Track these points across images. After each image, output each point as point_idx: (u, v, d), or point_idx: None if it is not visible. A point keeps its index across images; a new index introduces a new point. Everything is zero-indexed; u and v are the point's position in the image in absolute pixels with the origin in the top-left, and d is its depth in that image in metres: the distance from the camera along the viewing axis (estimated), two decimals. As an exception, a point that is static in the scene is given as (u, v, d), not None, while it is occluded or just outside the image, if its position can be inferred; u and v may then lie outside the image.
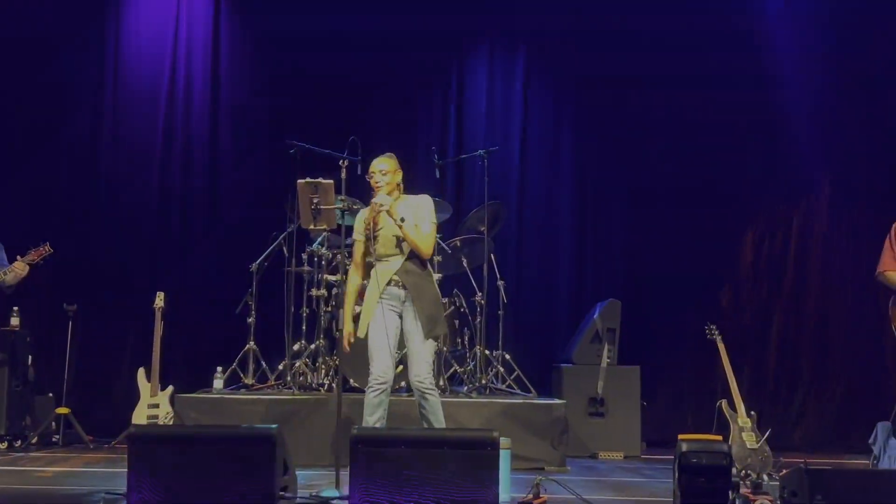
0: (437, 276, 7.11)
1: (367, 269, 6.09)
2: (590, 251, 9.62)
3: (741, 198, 9.59)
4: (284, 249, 8.28)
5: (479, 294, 8.08)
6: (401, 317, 5.99)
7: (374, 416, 5.83)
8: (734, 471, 5.12)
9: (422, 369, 5.89)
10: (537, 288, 9.54)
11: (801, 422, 9.29)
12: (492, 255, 8.26)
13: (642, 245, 9.56)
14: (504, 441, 5.21)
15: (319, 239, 8.14)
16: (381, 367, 5.87)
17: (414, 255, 5.96)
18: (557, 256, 9.60)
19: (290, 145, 7.99)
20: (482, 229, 8.19)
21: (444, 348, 7.86)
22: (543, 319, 9.54)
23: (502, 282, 8.37)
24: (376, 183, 5.95)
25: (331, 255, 8.16)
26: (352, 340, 6.00)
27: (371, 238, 5.91)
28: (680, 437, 5.03)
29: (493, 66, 9.86)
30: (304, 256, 8.23)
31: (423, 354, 5.90)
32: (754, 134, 9.63)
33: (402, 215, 5.88)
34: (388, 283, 5.93)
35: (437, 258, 7.86)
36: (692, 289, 9.42)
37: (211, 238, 9.37)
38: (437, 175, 8.53)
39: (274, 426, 4.71)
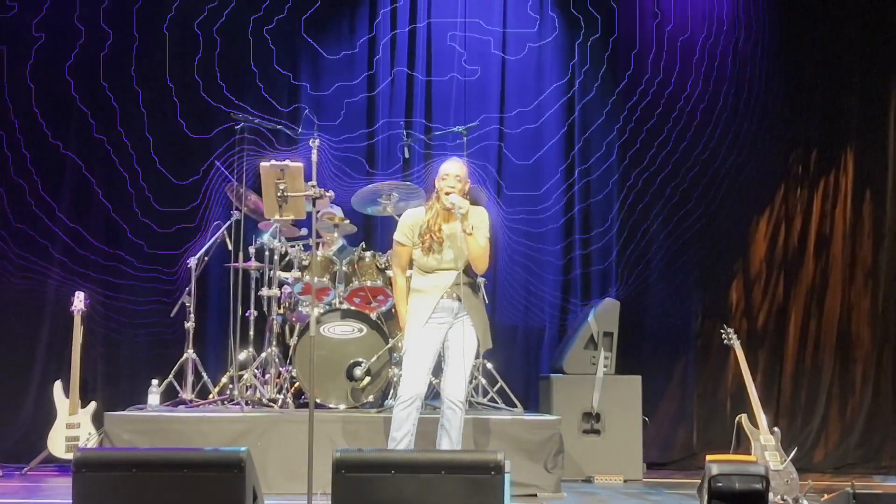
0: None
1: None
2: (582, 244, 9.67)
3: (752, 180, 9.71)
4: (228, 242, 8.25)
5: (456, 293, 8.11)
6: (448, 329, 6.33)
7: (400, 431, 6.16)
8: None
9: (461, 383, 6.28)
10: (521, 286, 9.58)
11: (821, 438, 9.44)
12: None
13: (641, 237, 9.64)
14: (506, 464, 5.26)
15: (270, 230, 8.11)
16: (413, 382, 6.22)
17: (468, 268, 6.32)
18: (545, 250, 9.64)
19: (234, 118, 7.99)
20: (459, 218, 8.21)
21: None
22: (528, 322, 9.58)
23: (482, 279, 8.40)
24: (450, 187, 6.21)
25: (284, 249, 8.15)
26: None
27: (430, 247, 6.26)
28: (709, 457, 5.13)
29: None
30: (252, 250, 8.21)
31: (466, 368, 6.30)
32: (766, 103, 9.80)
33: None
34: (442, 296, 6.28)
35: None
36: (697, 287, 9.55)
37: (141, 229, 9.25)
38: (406, 154, 8.54)
39: (243, 448, 4.70)
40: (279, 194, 5.63)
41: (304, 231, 8.41)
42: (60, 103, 9.19)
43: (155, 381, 7.95)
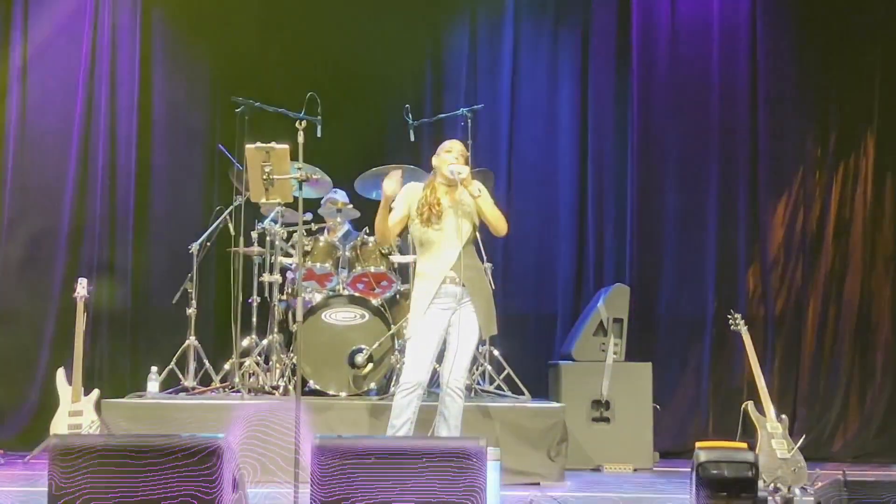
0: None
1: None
2: (594, 228, 9.65)
3: (770, 162, 9.64)
4: (230, 227, 8.28)
5: (462, 279, 8.11)
6: (451, 315, 6.34)
7: (400, 419, 6.21)
8: (762, 483, 5.20)
9: (460, 370, 6.32)
10: (531, 271, 9.57)
11: (839, 427, 9.38)
12: (477, 233, 8.29)
13: (654, 221, 9.60)
14: (493, 452, 5.27)
15: (272, 215, 8.13)
16: (415, 370, 6.25)
17: (470, 246, 6.39)
18: (556, 234, 9.62)
19: (236, 103, 8.02)
20: (466, 202, 8.21)
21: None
22: (538, 308, 9.57)
23: (489, 264, 8.39)
24: (455, 159, 6.33)
25: (285, 234, 8.16)
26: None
27: (429, 218, 6.30)
28: (698, 444, 5.10)
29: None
30: (254, 235, 8.23)
31: (467, 354, 6.37)
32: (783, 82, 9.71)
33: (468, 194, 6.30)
34: (444, 282, 6.30)
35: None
36: (712, 272, 9.49)
37: (144, 214, 9.32)
38: (412, 138, 8.53)
39: (220, 435, 4.72)
40: (265, 177, 5.63)
41: (308, 216, 8.42)
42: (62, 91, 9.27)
43: (154, 369, 8.01)
